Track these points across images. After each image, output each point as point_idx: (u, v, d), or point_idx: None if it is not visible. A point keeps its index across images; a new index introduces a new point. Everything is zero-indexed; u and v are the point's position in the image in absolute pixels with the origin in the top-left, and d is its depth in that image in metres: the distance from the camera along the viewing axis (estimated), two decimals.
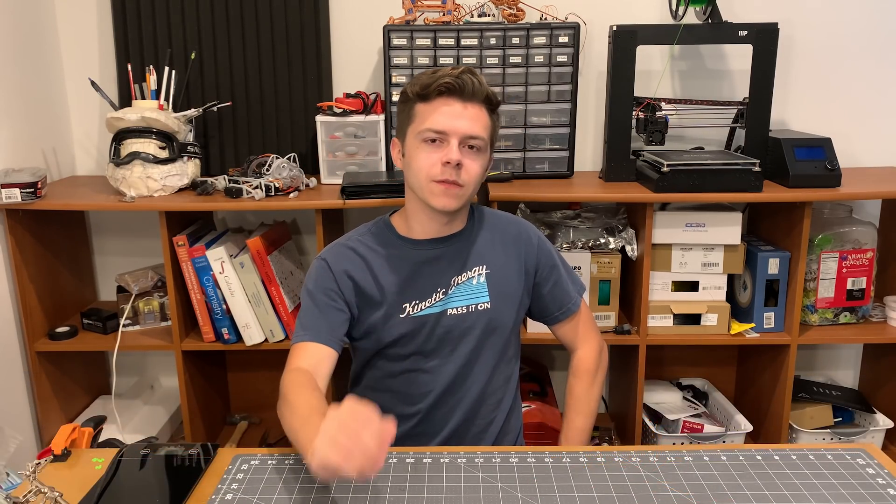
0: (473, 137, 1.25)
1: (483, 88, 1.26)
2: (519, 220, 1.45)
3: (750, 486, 1.04)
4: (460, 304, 1.34)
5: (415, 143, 1.27)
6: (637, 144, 2.05)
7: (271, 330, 1.95)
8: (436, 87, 1.24)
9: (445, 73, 1.25)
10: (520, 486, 1.05)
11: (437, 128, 1.24)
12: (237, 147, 2.16)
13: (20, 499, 0.96)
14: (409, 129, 1.29)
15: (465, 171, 1.26)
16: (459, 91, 1.24)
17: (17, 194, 1.80)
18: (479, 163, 1.28)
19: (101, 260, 2.30)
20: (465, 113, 1.25)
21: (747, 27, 1.91)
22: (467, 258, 1.36)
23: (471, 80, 1.24)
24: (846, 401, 2.14)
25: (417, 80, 1.28)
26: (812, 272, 1.99)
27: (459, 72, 1.24)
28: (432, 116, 1.25)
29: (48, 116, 2.11)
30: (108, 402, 2.15)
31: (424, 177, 1.26)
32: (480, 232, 1.39)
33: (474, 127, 1.25)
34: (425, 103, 1.26)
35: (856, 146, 2.18)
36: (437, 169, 1.25)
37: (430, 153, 1.25)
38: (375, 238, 1.37)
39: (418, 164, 1.26)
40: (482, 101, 1.27)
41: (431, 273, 1.34)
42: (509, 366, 1.43)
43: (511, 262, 1.38)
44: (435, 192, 1.26)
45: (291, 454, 1.15)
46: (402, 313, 1.33)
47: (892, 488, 1.03)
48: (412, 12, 1.99)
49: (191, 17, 2.07)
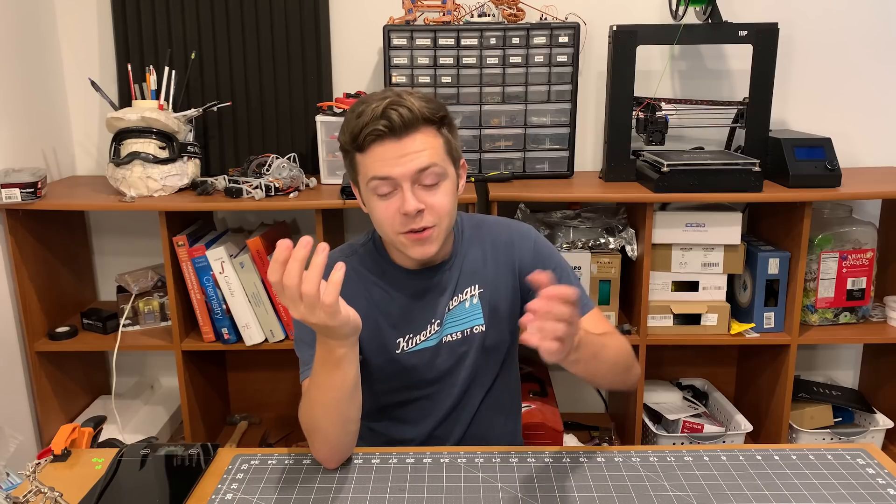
0: (423, 170, 1.11)
1: (416, 114, 1.09)
2: (512, 224, 1.34)
3: (750, 486, 1.04)
4: (455, 330, 1.26)
5: (368, 195, 1.15)
6: (637, 144, 2.05)
7: (271, 330, 1.95)
8: (364, 136, 1.10)
9: (369, 114, 1.09)
10: (520, 486, 1.05)
11: (382, 174, 1.10)
12: (237, 147, 2.16)
13: (20, 499, 0.96)
14: (358, 179, 1.17)
15: (431, 211, 1.13)
16: (391, 130, 1.09)
17: (17, 194, 1.80)
18: (444, 192, 1.14)
19: (101, 260, 2.30)
20: (405, 149, 1.10)
21: (747, 27, 1.91)
22: (458, 281, 1.26)
23: (397, 112, 1.08)
24: (846, 401, 2.14)
25: (346, 128, 1.14)
26: (812, 272, 1.99)
27: (383, 108, 1.08)
28: (373, 165, 1.11)
29: (48, 116, 2.11)
30: (108, 402, 2.15)
31: (389, 230, 1.15)
32: (470, 249, 1.28)
33: (422, 160, 1.10)
34: (362, 154, 1.13)
35: (856, 146, 2.18)
36: (399, 220, 1.12)
37: (387, 205, 1.13)
38: (363, 261, 1.27)
39: (378, 218, 1.15)
40: (422, 125, 1.11)
41: (425, 305, 1.25)
42: (510, 373, 1.38)
43: (502, 272, 1.28)
44: (406, 243, 1.15)
45: (291, 454, 1.14)
46: (397, 349, 1.25)
47: (892, 488, 1.03)
48: (412, 12, 1.99)
49: (191, 17, 2.07)
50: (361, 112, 1.11)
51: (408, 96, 1.11)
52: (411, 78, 1.97)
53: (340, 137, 1.16)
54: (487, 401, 1.33)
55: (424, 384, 1.28)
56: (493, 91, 1.99)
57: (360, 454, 1.14)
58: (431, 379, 1.28)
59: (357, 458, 1.13)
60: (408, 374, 1.27)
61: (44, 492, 0.97)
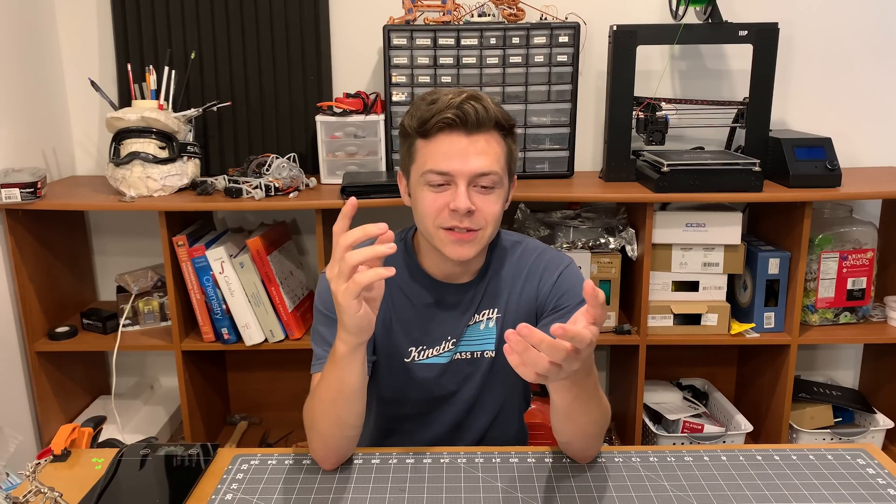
0: (484, 174, 1.09)
1: (491, 114, 1.09)
2: (548, 254, 1.25)
3: (750, 486, 1.04)
4: (466, 350, 1.23)
5: (418, 185, 1.12)
6: (637, 144, 2.05)
7: (271, 330, 1.94)
8: (435, 122, 1.08)
9: (444, 102, 1.08)
10: (520, 486, 1.05)
11: (441, 169, 1.08)
12: (237, 147, 2.16)
13: (20, 499, 0.96)
14: (411, 167, 1.14)
15: (480, 215, 1.10)
16: (463, 123, 1.07)
17: (16, 194, 1.80)
18: (495, 200, 1.12)
19: (101, 260, 2.30)
20: (471, 148, 1.08)
21: (747, 27, 1.91)
22: (481, 300, 1.22)
23: (474, 107, 1.07)
24: (846, 401, 2.14)
25: (415, 112, 1.11)
26: (812, 272, 1.99)
27: (461, 100, 1.07)
28: (434, 156, 1.09)
29: (48, 116, 2.11)
30: (108, 402, 2.15)
31: (431, 223, 1.12)
32: (500, 270, 1.23)
33: (484, 163, 1.08)
34: (425, 140, 1.10)
35: (856, 146, 2.18)
36: (445, 215, 1.10)
37: (436, 197, 1.10)
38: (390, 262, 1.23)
39: (423, 209, 1.12)
40: (492, 128, 1.10)
41: (445, 318, 1.22)
42: (519, 399, 1.34)
43: (524, 302, 1.23)
44: (445, 240, 1.11)
45: (291, 454, 1.14)
46: (407, 357, 1.22)
47: (892, 488, 1.03)
48: (412, 12, 1.99)
49: (191, 17, 2.07)
50: (436, 100, 1.09)
51: (485, 97, 1.11)
52: (411, 78, 1.97)
53: (406, 121, 1.14)
54: (494, 426, 1.30)
55: (429, 399, 1.26)
56: (493, 91, 1.99)
57: (360, 454, 1.14)
58: (438, 396, 1.26)
59: (357, 458, 1.13)
60: (415, 386, 1.24)
61: (44, 492, 0.97)
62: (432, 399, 1.26)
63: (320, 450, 1.10)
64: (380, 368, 1.24)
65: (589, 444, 1.09)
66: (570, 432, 1.07)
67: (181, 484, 1.07)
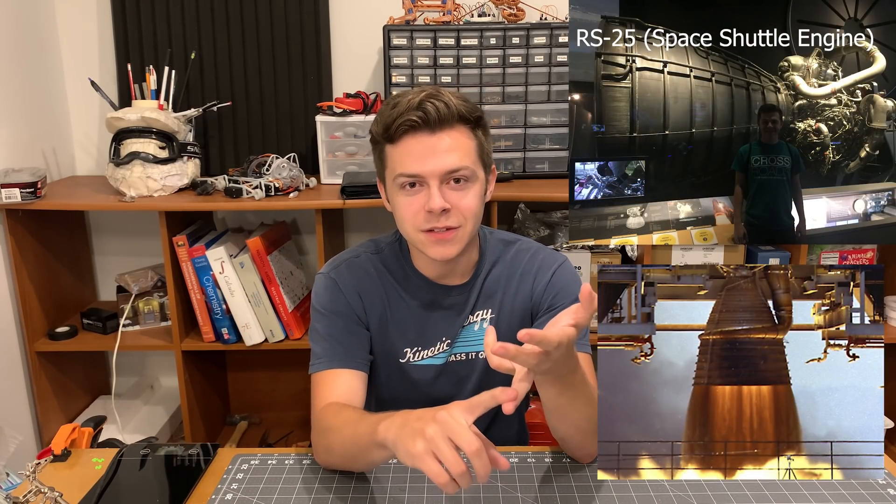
0: (454, 171, 1.08)
1: (453, 109, 1.07)
2: (542, 253, 1.25)
3: (750, 486, 1.04)
4: (461, 351, 1.23)
5: (393, 190, 1.12)
6: None
7: (271, 330, 1.94)
8: (398, 126, 1.07)
9: (405, 105, 1.07)
10: (520, 486, 1.05)
11: (410, 171, 1.08)
12: (237, 147, 2.16)
13: (20, 499, 0.96)
14: (385, 174, 1.14)
15: (457, 211, 1.09)
16: (425, 123, 1.06)
17: (16, 194, 1.80)
18: (472, 194, 1.11)
19: (101, 260, 2.30)
20: (438, 146, 1.07)
21: None
22: (476, 301, 1.22)
23: (434, 105, 1.05)
24: None
25: (380, 118, 1.11)
26: None
27: (420, 100, 1.06)
28: (402, 159, 1.08)
29: (48, 116, 2.11)
30: (108, 402, 2.15)
31: (411, 227, 1.11)
32: (493, 269, 1.23)
33: (453, 159, 1.08)
34: (392, 145, 1.10)
35: None
36: (422, 217, 1.09)
37: (412, 201, 1.09)
38: (386, 262, 1.23)
39: (401, 214, 1.12)
40: (457, 123, 1.09)
41: (440, 319, 1.22)
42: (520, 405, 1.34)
43: (519, 302, 1.23)
44: (426, 242, 1.11)
45: (291, 454, 1.14)
46: (402, 358, 1.22)
47: (892, 488, 1.03)
48: (412, 12, 1.99)
49: (191, 17, 2.07)
50: (397, 103, 1.08)
51: (446, 92, 1.09)
52: (411, 78, 1.97)
53: (373, 128, 1.13)
54: (494, 427, 1.29)
55: (427, 401, 1.23)
56: (493, 91, 1.99)
57: None
58: (435, 398, 1.22)
59: None
60: (412, 388, 1.24)
61: (44, 492, 0.97)
62: (430, 401, 1.25)
63: (325, 459, 1.09)
64: (377, 369, 1.24)
65: (585, 441, 1.08)
66: (563, 428, 1.07)
67: (181, 484, 1.07)
